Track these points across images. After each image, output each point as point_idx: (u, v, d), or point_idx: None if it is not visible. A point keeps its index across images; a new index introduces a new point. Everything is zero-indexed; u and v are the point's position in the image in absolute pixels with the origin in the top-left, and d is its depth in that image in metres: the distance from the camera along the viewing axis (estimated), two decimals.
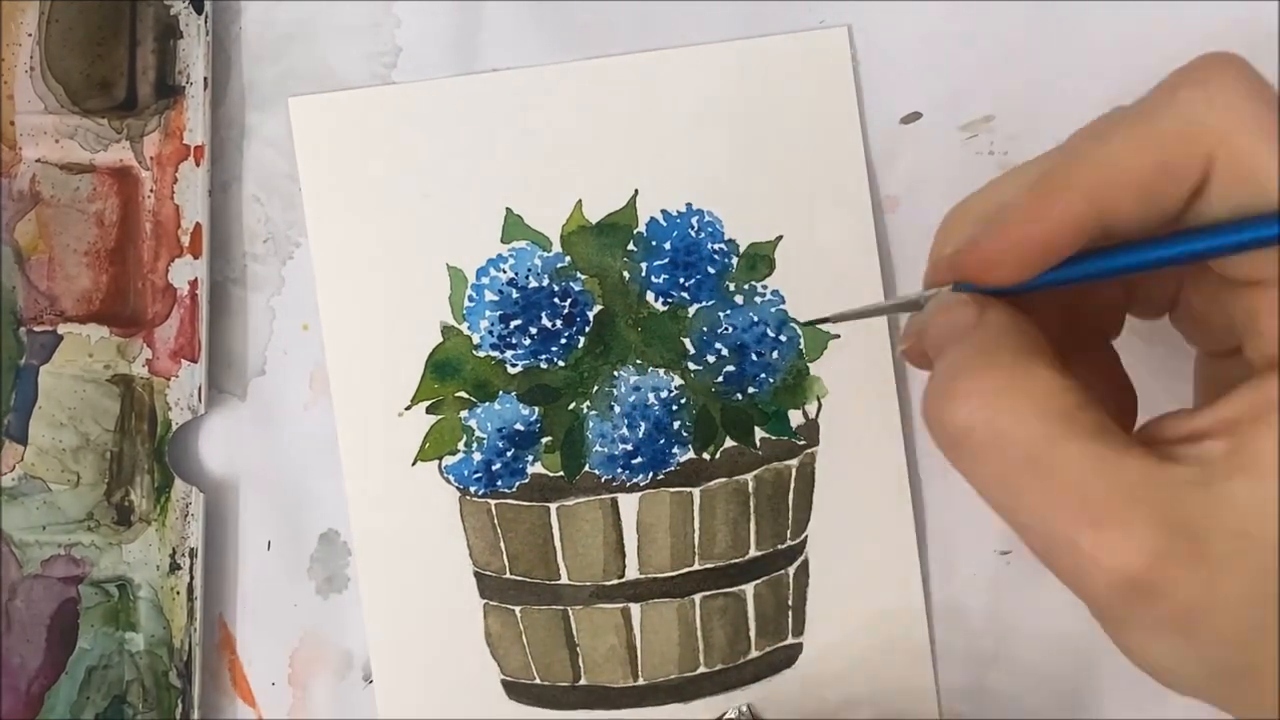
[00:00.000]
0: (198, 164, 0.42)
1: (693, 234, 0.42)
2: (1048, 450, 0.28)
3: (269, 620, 0.43)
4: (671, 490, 0.42)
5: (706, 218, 0.42)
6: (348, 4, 0.43)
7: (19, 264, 0.42)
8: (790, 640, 0.43)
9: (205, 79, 0.41)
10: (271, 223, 0.43)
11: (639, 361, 0.42)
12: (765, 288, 0.42)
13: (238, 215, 0.43)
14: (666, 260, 0.42)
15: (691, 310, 0.42)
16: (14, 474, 0.42)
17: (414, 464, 0.42)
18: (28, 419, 0.42)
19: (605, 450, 0.42)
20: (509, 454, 0.42)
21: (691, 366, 0.42)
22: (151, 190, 0.42)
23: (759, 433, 0.42)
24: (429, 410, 0.42)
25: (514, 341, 0.42)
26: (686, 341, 0.42)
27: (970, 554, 0.43)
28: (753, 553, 0.43)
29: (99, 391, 0.42)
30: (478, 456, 0.42)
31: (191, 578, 0.42)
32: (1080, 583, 0.29)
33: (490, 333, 0.42)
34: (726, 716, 0.43)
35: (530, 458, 0.42)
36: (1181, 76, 0.27)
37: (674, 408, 0.42)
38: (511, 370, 0.42)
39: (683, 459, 0.42)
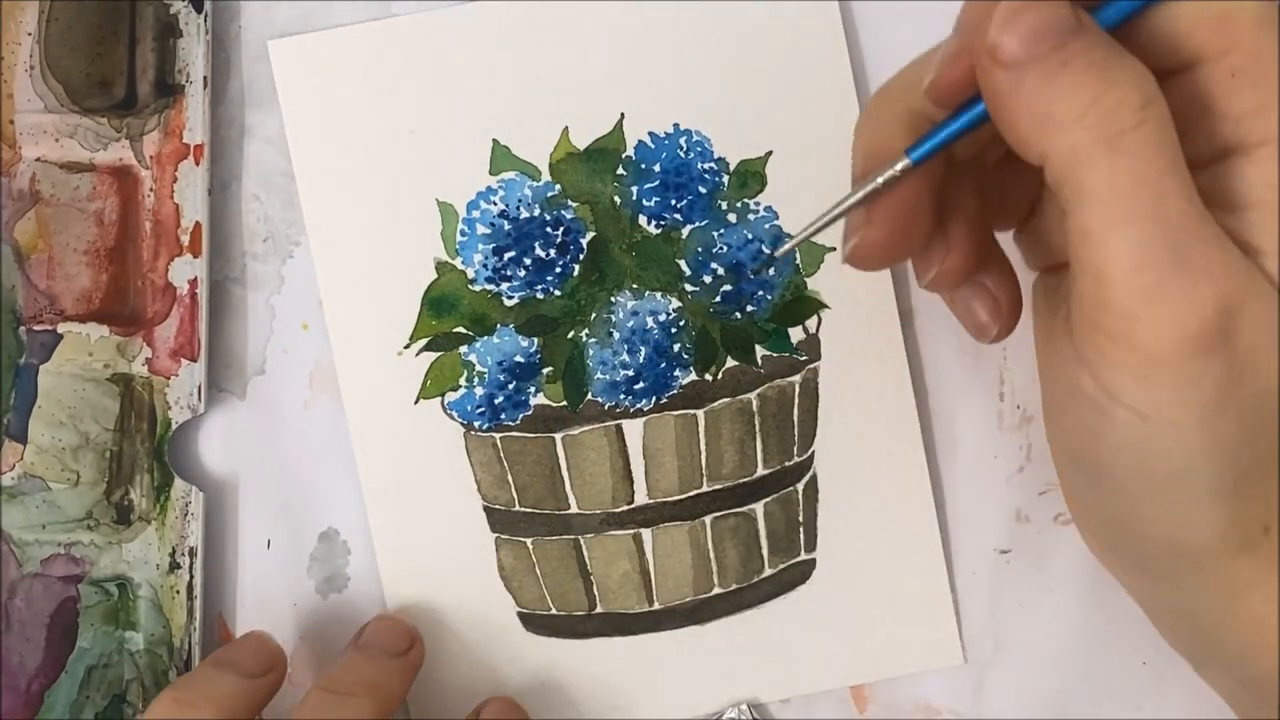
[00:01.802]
0: (197, 163, 0.42)
1: (682, 154, 0.42)
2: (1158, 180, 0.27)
3: (269, 619, 0.43)
4: (676, 413, 0.42)
5: (695, 137, 0.42)
6: (346, 3, 0.43)
7: (18, 263, 0.42)
8: (803, 556, 0.43)
9: (205, 78, 0.42)
10: (271, 221, 0.43)
11: (635, 286, 0.42)
12: (758, 204, 0.43)
13: (237, 214, 0.43)
14: (657, 183, 0.42)
15: (685, 231, 0.42)
16: (14, 473, 0.42)
17: (416, 402, 0.42)
18: (27, 418, 0.42)
19: (607, 377, 0.42)
20: (511, 387, 0.42)
21: (688, 288, 0.42)
22: (151, 189, 0.42)
23: (760, 351, 0.42)
24: (428, 347, 0.42)
25: (509, 273, 0.42)
26: (682, 263, 0.42)
27: (969, 553, 0.43)
28: (760, 471, 0.42)
29: (99, 390, 0.42)
30: (480, 391, 0.42)
31: (191, 577, 0.41)
32: (1133, 334, 0.28)
33: (485, 266, 0.42)
34: (726, 715, 0.43)
35: (532, 389, 0.42)
36: None
37: (673, 330, 0.42)
38: (508, 302, 0.42)
39: (685, 381, 0.42)
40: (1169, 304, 0.27)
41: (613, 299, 0.42)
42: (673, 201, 0.42)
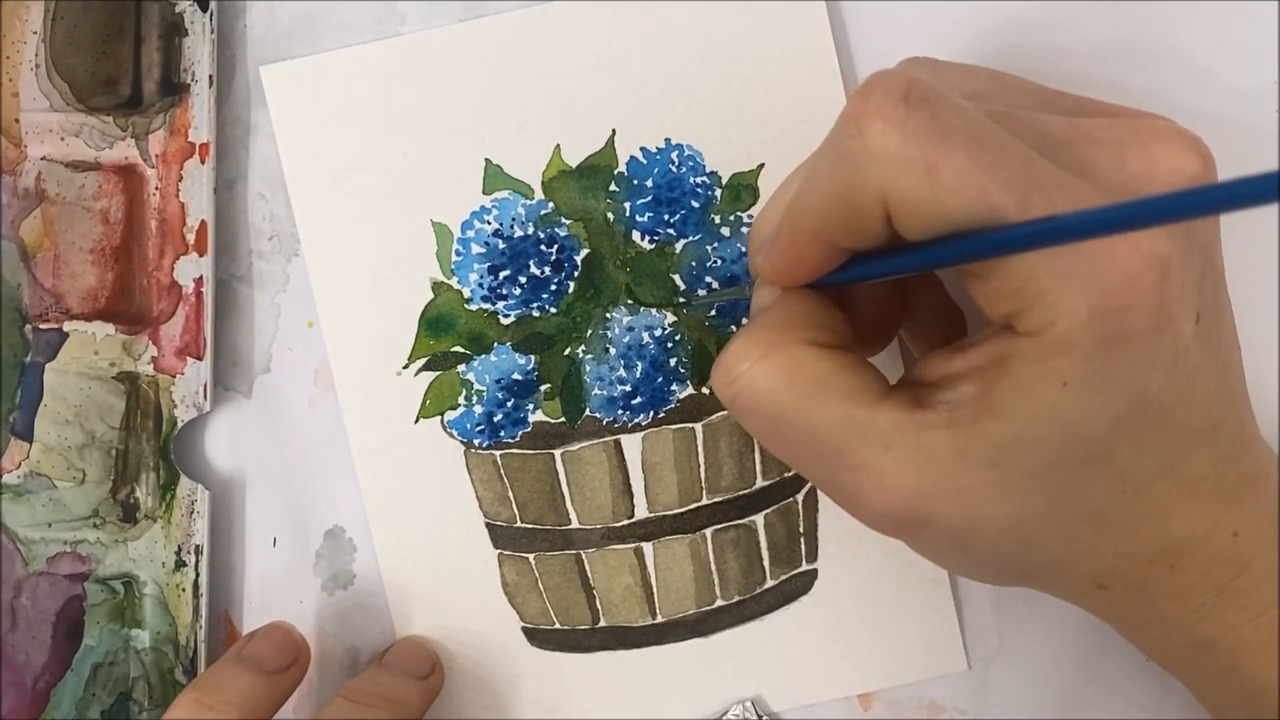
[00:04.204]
0: (203, 161, 0.42)
1: (674, 169, 0.42)
2: (800, 414, 0.32)
3: (274, 617, 0.43)
4: (674, 427, 0.42)
5: (687, 152, 0.42)
6: (352, 2, 0.43)
7: (24, 262, 0.42)
8: (805, 567, 0.43)
9: (210, 76, 0.42)
10: (276, 220, 0.43)
11: (630, 302, 0.42)
12: (751, 217, 0.42)
13: (243, 212, 0.43)
14: (650, 198, 0.42)
15: (679, 246, 0.42)
16: (19, 471, 0.42)
17: (416, 422, 0.43)
18: (33, 416, 0.42)
19: (604, 393, 0.42)
20: (509, 404, 0.42)
21: (683, 302, 0.42)
22: (157, 188, 0.42)
23: None
24: (426, 367, 0.42)
25: (504, 292, 0.42)
26: (676, 278, 0.42)
27: None
28: (760, 483, 0.43)
29: (104, 389, 0.42)
30: (479, 409, 0.42)
31: (197, 575, 0.42)
32: (855, 516, 0.33)
33: (480, 285, 0.42)
34: (730, 714, 0.43)
35: (530, 406, 0.42)
36: (845, 125, 0.30)
37: (669, 345, 0.42)
38: (504, 321, 0.42)
39: (682, 395, 0.42)
40: (865, 506, 0.33)
41: (608, 315, 0.42)
42: (666, 216, 0.42)
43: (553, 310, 0.42)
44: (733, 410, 0.34)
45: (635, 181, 0.42)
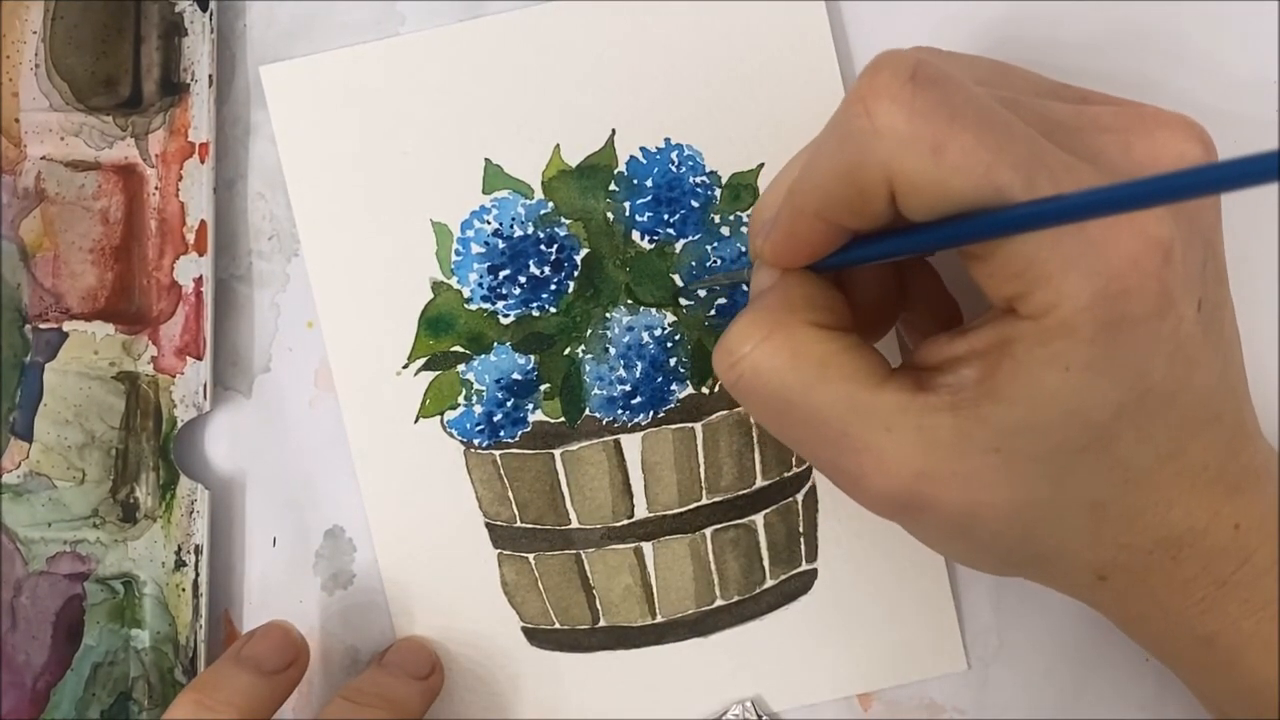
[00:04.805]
0: (203, 161, 0.42)
1: (674, 169, 0.42)
2: (803, 395, 0.32)
3: (274, 616, 0.43)
4: (673, 427, 0.42)
5: (686, 151, 0.42)
6: (352, 2, 0.43)
7: (24, 261, 0.42)
8: (804, 567, 0.43)
9: (210, 76, 0.42)
10: (276, 220, 0.43)
11: (630, 301, 0.42)
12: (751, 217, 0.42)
13: (243, 212, 0.43)
14: (649, 198, 0.42)
15: (678, 246, 0.42)
16: (19, 471, 0.42)
17: (416, 421, 0.43)
18: (33, 416, 0.42)
19: (604, 393, 0.42)
20: (509, 404, 0.42)
21: (683, 302, 0.42)
22: (156, 187, 0.42)
23: None
24: (426, 367, 0.43)
25: (504, 292, 0.42)
26: (676, 277, 0.42)
27: None
28: (759, 483, 0.43)
29: (104, 389, 0.42)
30: (478, 409, 0.42)
31: (197, 574, 0.42)
32: (856, 499, 0.33)
33: (480, 285, 0.42)
34: (730, 714, 0.43)
35: (530, 406, 0.42)
36: (852, 104, 0.30)
37: (669, 344, 0.42)
38: (504, 321, 0.42)
39: (682, 395, 0.42)
40: (866, 488, 0.33)
41: (608, 315, 0.42)
42: (665, 216, 0.42)
43: (552, 310, 0.42)
44: (735, 392, 0.34)
45: (635, 181, 0.42)
